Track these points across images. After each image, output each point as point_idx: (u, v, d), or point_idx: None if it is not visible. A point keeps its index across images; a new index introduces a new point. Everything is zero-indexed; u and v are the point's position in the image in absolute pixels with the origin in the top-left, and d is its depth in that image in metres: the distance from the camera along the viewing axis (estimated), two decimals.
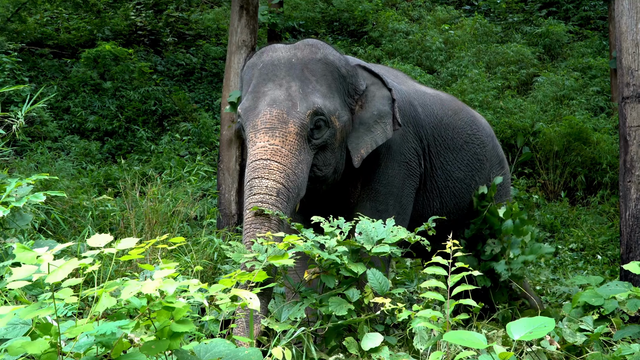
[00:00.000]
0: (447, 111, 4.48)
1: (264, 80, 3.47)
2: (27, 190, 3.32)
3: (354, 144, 3.66)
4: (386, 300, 2.87)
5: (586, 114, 11.62)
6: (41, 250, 1.87)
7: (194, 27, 14.72)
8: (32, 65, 11.63)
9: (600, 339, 3.35)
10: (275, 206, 3.13)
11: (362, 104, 3.73)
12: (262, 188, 3.15)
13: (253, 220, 3.11)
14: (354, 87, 3.69)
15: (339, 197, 3.83)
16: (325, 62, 3.54)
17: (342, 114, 3.56)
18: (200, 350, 2.10)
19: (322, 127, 3.42)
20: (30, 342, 1.82)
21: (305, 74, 3.47)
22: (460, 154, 4.46)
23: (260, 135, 3.28)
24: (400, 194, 3.94)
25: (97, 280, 2.10)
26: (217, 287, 2.28)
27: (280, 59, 3.51)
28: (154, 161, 9.66)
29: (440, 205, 4.35)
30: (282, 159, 3.22)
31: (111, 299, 1.88)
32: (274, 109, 3.31)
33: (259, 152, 3.24)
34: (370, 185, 3.83)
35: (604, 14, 15.89)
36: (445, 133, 4.36)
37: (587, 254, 8.20)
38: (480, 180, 4.62)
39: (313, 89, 3.44)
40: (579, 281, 4.47)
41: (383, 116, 3.72)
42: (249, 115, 3.39)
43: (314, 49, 3.58)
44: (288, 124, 3.29)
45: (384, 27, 15.30)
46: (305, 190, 3.36)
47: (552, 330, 2.80)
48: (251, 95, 3.45)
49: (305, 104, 3.36)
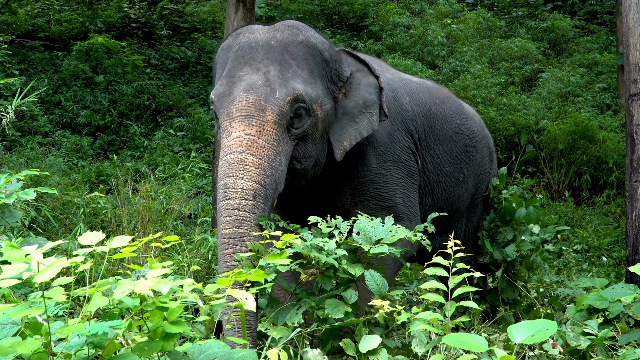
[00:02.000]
0: (434, 99, 4.31)
1: (240, 63, 3.29)
2: (17, 187, 3.31)
3: (336, 135, 3.50)
4: (384, 303, 2.87)
5: (592, 111, 11.62)
6: (30, 248, 1.87)
7: (189, 19, 14.70)
8: (23, 58, 11.61)
9: (604, 343, 3.36)
10: (252, 213, 2.97)
11: (347, 91, 3.57)
12: (237, 191, 2.98)
13: (230, 235, 2.95)
14: (337, 73, 3.52)
15: (322, 196, 3.69)
16: (307, 45, 3.37)
17: (325, 101, 3.39)
18: (194, 351, 2.10)
19: (303, 116, 3.25)
20: (20, 342, 1.82)
21: (285, 57, 3.30)
22: (449, 145, 4.31)
23: (236, 124, 3.11)
24: (406, 192, 3.82)
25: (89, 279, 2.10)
26: (212, 287, 2.28)
27: (258, 41, 3.33)
28: (147, 157, 9.65)
29: (432, 202, 4.20)
30: (258, 151, 3.06)
31: (103, 298, 1.88)
32: (250, 95, 3.14)
33: (234, 144, 3.07)
34: (363, 191, 3.69)
35: (611, 9, 15.89)
36: (434, 123, 4.21)
37: (592, 255, 8.20)
38: (469, 173, 4.48)
39: (293, 74, 3.26)
40: (583, 283, 4.48)
41: (369, 106, 3.55)
42: (223, 101, 3.21)
43: (295, 30, 3.41)
44: (266, 112, 3.12)
45: (384, 21, 15.29)
46: (283, 185, 3.20)
47: (555, 334, 2.81)
48: (226, 79, 3.27)
49: (285, 90, 3.19)
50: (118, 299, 1.91)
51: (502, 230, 4.53)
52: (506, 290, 4.49)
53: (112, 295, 1.90)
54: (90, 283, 2.03)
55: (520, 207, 4.49)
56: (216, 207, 6.90)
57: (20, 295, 2.80)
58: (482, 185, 4.72)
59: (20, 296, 2.81)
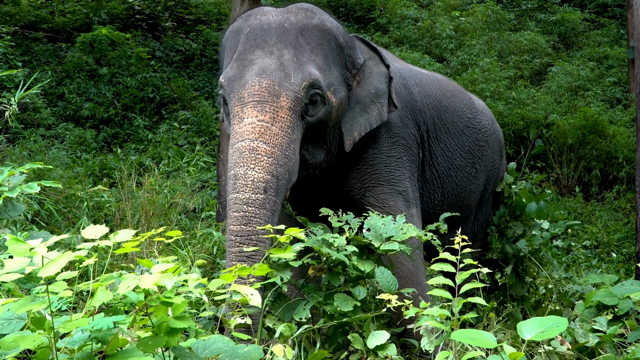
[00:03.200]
0: (445, 92, 4.23)
1: (251, 46, 3.15)
2: (20, 180, 3.31)
3: (347, 124, 3.39)
4: (392, 297, 2.86)
5: (602, 105, 11.58)
6: (34, 242, 1.87)
7: (194, 11, 14.69)
8: (26, 49, 11.62)
9: (613, 340, 3.36)
10: (262, 208, 2.86)
11: (359, 80, 3.46)
12: (247, 184, 2.87)
13: (238, 232, 2.85)
14: (351, 60, 3.42)
15: (333, 186, 3.59)
16: (322, 29, 3.26)
17: (339, 89, 3.29)
18: (198, 347, 2.10)
19: (318, 103, 3.14)
20: (24, 337, 1.82)
21: (300, 41, 3.18)
22: (461, 139, 4.23)
23: (248, 110, 2.99)
24: (412, 178, 3.72)
25: (93, 273, 2.10)
26: (217, 282, 2.28)
27: (271, 23, 3.21)
28: (152, 151, 9.66)
29: (442, 197, 4.13)
30: (271, 139, 2.94)
31: (107, 293, 1.88)
32: (263, 80, 3.01)
33: (246, 131, 2.96)
34: (375, 174, 3.56)
35: (622, 2, 15.82)
36: (445, 116, 4.13)
37: (601, 251, 8.19)
38: (481, 168, 4.41)
39: (308, 59, 3.15)
40: (592, 280, 4.47)
41: (380, 95, 3.46)
42: (234, 85, 3.07)
43: (310, 13, 3.30)
44: (280, 98, 3.00)
45: (392, 13, 15.26)
46: (296, 175, 3.08)
47: (564, 331, 2.80)
48: (236, 63, 3.14)
49: (301, 74, 3.07)
50: (122, 294, 1.92)
51: (512, 225, 4.52)
52: (515, 287, 4.49)
53: (117, 290, 1.90)
54: (94, 277, 2.03)
55: (530, 202, 4.48)
56: (221, 201, 6.86)
57: (23, 290, 2.81)
58: (492, 181, 4.66)
59: (23, 290, 2.82)
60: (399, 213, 3.38)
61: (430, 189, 4.04)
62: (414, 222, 3.55)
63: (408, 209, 3.57)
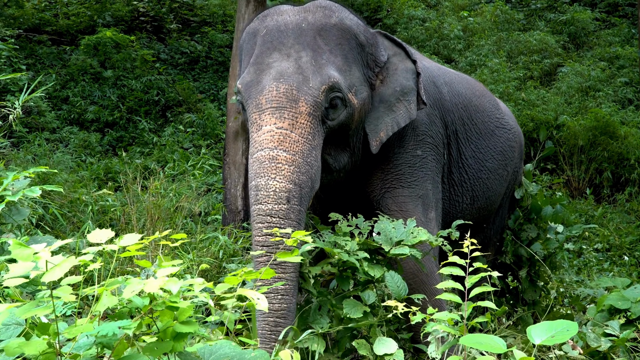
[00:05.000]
0: (474, 92, 4.16)
1: (268, 49, 3.08)
2: (24, 184, 3.32)
3: (372, 125, 3.30)
4: (400, 304, 2.85)
5: (613, 106, 11.56)
6: (38, 246, 1.87)
7: (199, 13, 14.73)
8: (30, 52, 11.66)
9: (626, 344, 3.34)
10: (287, 218, 2.80)
11: (384, 78, 3.37)
12: (269, 195, 2.80)
13: (263, 243, 2.79)
14: (374, 58, 3.33)
15: (357, 189, 3.52)
16: (342, 28, 3.17)
17: (361, 89, 3.19)
18: (204, 352, 2.10)
19: (339, 106, 3.05)
20: (27, 343, 1.82)
21: (318, 41, 3.10)
22: (492, 140, 4.14)
23: (266, 117, 2.91)
24: (435, 179, 3.62)
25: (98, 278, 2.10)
26: (223, 286, 2.28)
27: (288, 24, 3.13)
28: (157, 154, 9.68)
29: (471, 201, 4.02)
30: (292, 147, 2.86)
31: (112, 297, 1.89)
32: (281, 85, 2.94)
33: (265, 140, 2.88)
34: (397, 174, 3.49)
35: (633, 0, 15.78)
36: (476, 116, 4.04)
37: (613, 254, 8.16)
38: (510, 170, 4.34)
39: (327, 60, 3.06)
40: (604, 283, 4.46)
41: (407, 93, 3.35)
42: (251, 91, 3.00)
43: (328, 11, 3.20)
44: (299, 103, 2.92)
45: (399, 14, 15.27)
46: (319, 182, 3.00)
47: (575, 335, 2.79)
48: (253, 67, 3.06)
49: (319, 77, 2.99)
50: (127, 299, 1.92)
51: (526, 227, 4.51)
52: (528, 291, 4.48)
53: (122, 295, 1.90)
54: (99, 282, 2.03)
55: (546, 206, 4.47)
56: (226, 205, 6.87)
57: (27, 295, 2.81)
58: (511, 184, 4.57)
59: (27, 295, 2.82)
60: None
61: (459, 192, 3.95)
62: (431, 226, 3.49)
63: (426, 214, 3.51)
